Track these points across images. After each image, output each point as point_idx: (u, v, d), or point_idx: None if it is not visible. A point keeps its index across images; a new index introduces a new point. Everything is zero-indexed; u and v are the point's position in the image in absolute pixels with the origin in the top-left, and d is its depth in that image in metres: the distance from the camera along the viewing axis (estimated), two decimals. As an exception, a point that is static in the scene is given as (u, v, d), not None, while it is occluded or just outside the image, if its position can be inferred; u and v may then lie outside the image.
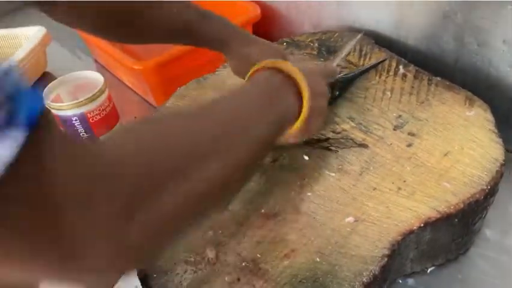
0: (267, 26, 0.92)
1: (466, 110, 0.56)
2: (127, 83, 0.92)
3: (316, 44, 0.73)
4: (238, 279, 0.43)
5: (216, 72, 0.71)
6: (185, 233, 0.35)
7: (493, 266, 0.51)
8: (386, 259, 0.43)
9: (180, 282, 0.43)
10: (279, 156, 0.55)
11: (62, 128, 0.26)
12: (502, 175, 0.49)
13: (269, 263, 0.44)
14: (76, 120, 0.68)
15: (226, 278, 0.43)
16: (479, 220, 0.50)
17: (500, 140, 0.52)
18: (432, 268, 0.51)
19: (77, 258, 0.23)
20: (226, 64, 0.72)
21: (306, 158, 0.54)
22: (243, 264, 0.44)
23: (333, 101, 0.58)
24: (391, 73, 0.64)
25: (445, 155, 0.51)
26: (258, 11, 0.86)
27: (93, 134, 0.70)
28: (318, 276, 0.42)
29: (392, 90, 0.61)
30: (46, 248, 0.22)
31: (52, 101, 0.68)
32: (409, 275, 0.51)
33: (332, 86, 0.56)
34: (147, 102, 0.87)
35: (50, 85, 0.71)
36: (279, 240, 0.46)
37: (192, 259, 0.45)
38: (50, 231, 0.22)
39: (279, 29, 0.93)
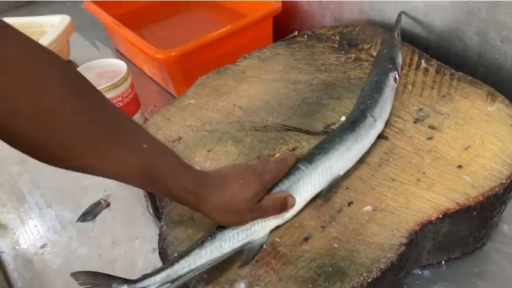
0: (288, 20, 0.93)
1: (487, 105, 0.56)
2: (148, 73, 0.93)
3: (337, 37, 0.73)
4: (256, 261, 0.43)
5: (237, 63, 0.72)
6: None
7: (509, 261, 0.51)
8: (403, 247, 0.43)
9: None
10: (298, 145, 0.55)
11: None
12: (522, 170, 0.49)
13: (288, 246, 0.44)
14: (98, 105, 0.69)
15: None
16: (498, 214, 0.50)
17: (521, 136, 0.51)
18: (449, 261, 0.51)
19: None
20: (246, 55, 0.73)
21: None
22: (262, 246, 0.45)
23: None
24: (412, 67, 0.64)
25: (466, 148, 0.51)
26: (279, 4, 0.86)
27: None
28: (335, 261, 0.42)
29: (413, 84, 0.61)
30: None
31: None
32: (425, 267, 0.51)
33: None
34: (167, 92, 0.88)
35: (74, 71, 0.72)
36: (298, 225, 0.46)
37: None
38: None
39: (300, 22, 0.93)
